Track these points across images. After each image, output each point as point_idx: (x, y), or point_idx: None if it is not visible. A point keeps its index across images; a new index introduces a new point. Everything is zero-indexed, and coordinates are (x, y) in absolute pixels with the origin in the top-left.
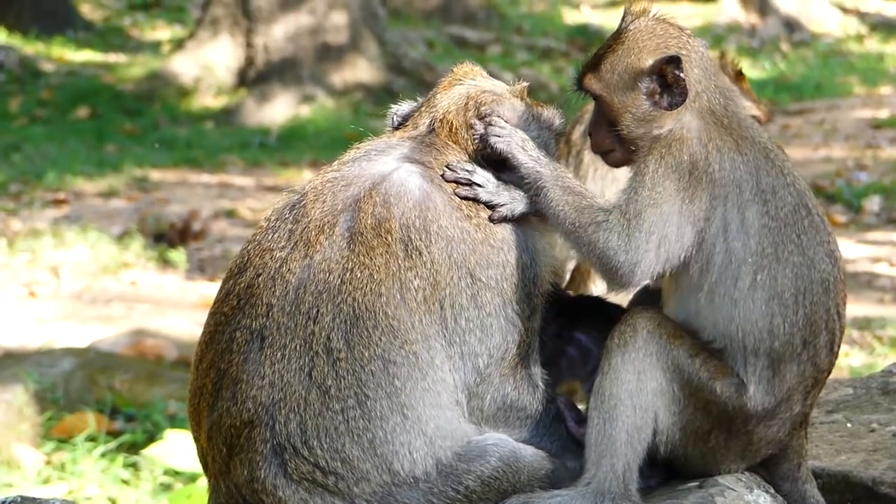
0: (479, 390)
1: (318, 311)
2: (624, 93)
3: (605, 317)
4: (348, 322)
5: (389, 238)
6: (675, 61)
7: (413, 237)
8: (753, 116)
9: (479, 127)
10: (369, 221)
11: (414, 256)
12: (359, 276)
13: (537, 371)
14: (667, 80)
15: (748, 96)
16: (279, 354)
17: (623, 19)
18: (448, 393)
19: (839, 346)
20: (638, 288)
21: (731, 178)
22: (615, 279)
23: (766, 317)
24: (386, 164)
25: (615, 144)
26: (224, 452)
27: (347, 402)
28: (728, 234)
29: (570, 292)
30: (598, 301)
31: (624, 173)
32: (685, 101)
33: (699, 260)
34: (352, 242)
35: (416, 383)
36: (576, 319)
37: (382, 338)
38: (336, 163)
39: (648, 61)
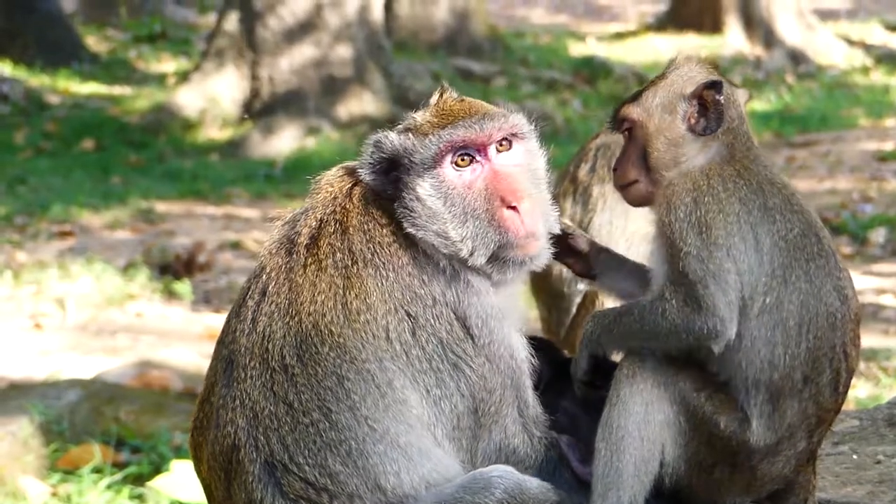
0: (464, 439)
1: (271, 330)
2: (662, 116)
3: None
4: (298, 339)
5: (329, 260)
6: (716, 86)
7: (348, 261)
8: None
9: None
10: (308, 242)
11: (353, 279)
12: (305, 295)
13: (532, 415)
14: (706, 104)
15: (735, 83)
16: (244, 374)
17: (669, 65)
18: (417, 419)
19: (846, 387)
20: (735, 329)
21: (737, 198)
22: (713, 337)
23: (768, 345)
24: (339, 187)
25: (641, 175)
26: (223, 479)
27: (313, 416)
28: (747, 252)
29: (566, 352)
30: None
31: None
32: (719, 127)
33: (740, 284)
34: (299, 263)
35: (377, 400)
36: (565, 381)
37: (331, 354)
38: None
39: (690, 87)
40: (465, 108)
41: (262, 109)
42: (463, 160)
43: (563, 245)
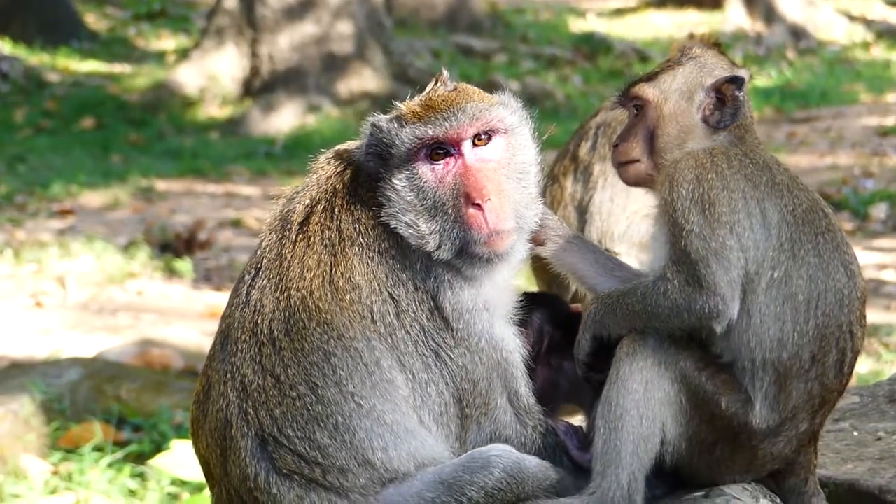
0: (452, 425)
1: (262, 305)
2: (678, 102)
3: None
4: (287, 314)
5: (317, 238)
6: (738, 81)
7: (335, 239)
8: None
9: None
10: (302, 220)
11: (339, 257)
12: (294, 271)
13: (524, 406)
14: (724, 98)
15: (737, 64)
16: (236, 348)
17: (683, 48)
18: (403, 399)
19: (851, 368)
20: (737, 309)
21: (743, 175)
22: (715, 316)
23: (777, 322)
24: (334, 168)
25: (644, 155)
26: (220, 455)
27: (300, 389)
28: (753, 228)
29: (578, 306)
30: None
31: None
32: (734, 122)
33: (744, 262)
34: (290, 239)
35: (364, 378)
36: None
37: (318, 329)
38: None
39: (711, 78)
40: (447, 100)
41: (262, 87)
42: (437, 154)
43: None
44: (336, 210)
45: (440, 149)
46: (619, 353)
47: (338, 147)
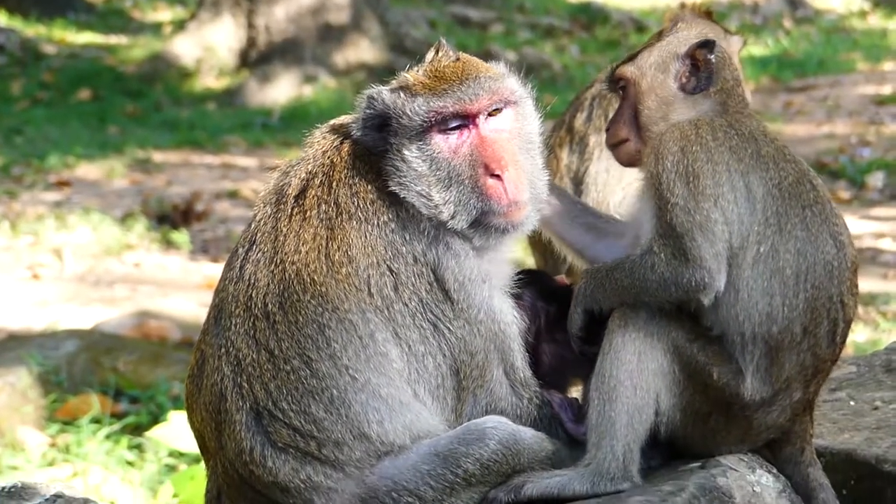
0: (448, 398)
1: (256, 278)
2: (654, 75)
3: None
4: (281, 287)
5: (314, 211)
6: (708, 45)
7: (332, 213)
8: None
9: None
10: (297, 194)
11: (336, 230)
12: (289, 244)
13: (520, 378)
14: (698, 64)
15: (730, 31)
16: (230, 323)
17: (675, 18)
18: (398, 373)
19: (843, 337)
20: (724, 281)
21: (727, 147)
22: (702, 289)
23: (766, 296)
24: (330, 142)
25: (631, 134)
26: (214, 429)
27: (294, 363)
28: (738, 202)
29: (564, 278)
30: None
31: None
32: (709, 86)
33: (728, 235)
34: (286, 213)
35: (358, 351)
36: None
37: (312, 302)
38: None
39: (684, 47)
40: (458, 71)
41: (258, 58)
42: (451, 125)
43: None
44: (333, 184)
45: (455, 119)
46: (611, 324)
47: (333, 121)
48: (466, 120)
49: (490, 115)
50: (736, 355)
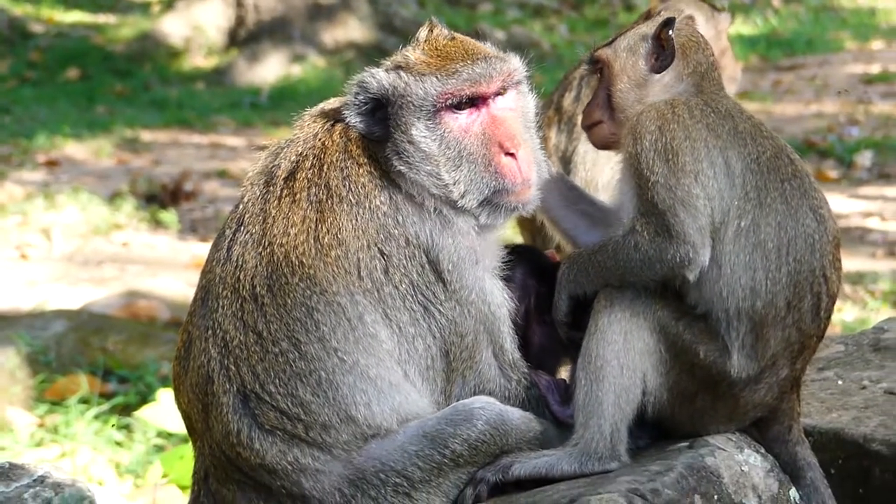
0: (438, 379)
1: (243, 260)
2: (626, 57)
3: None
4: (269, 269)
5: (303, 194)
6: (669, 23)
7: (322, 196)
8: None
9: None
10: (287, 176)
11: (326, 213)
12: (278, 227)
13: (509, 360)
14: (662, 42)
15: (720, 9)
16: (217, 304)
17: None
18: (388, 353)
19: (828, 312)
20: (708, 255)
21: (704, 124)
22: (687, 264)
23: (748, 270)
24: (321, 126)
25: (605, 116)
26: (201, 411)
27: (282, 345)
28: (717, 177)
29: (554, 253)
30: None
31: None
32: (671, 63)
33: (710, 210)
34: (275, 195)
35: (347, 333)
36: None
37: (301, 284)
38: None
39: (653, 28)
40: (462, 49)
41: (247, 37)
42: (461, 104)
43: None
44: (324, 167)
45: (468, 99)
46: (596, 305)
47: (322, 105)
48: (477, 100)
49: (497, 94)
50: (721, 332)
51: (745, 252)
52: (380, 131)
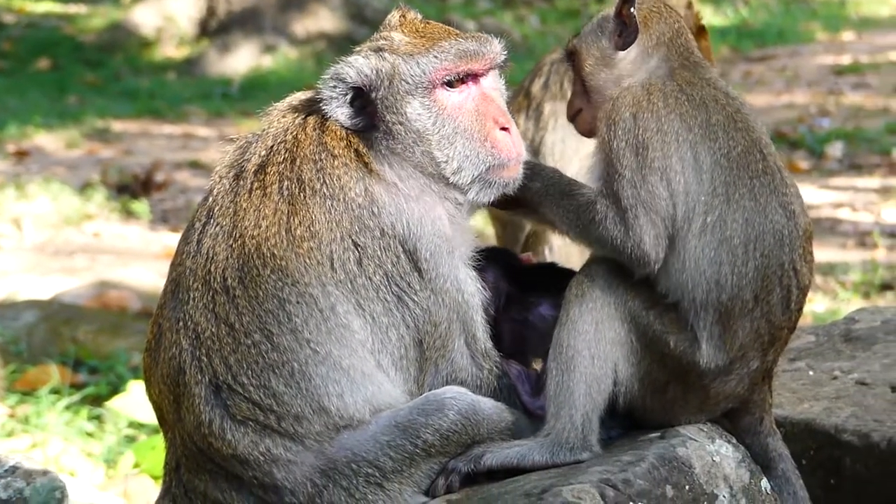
0: (412, 368)
1: (214, 252)
2: (591, 39)
3: (560, 285)
4: (240, 261)
5: (274, 187)
6: (629, 0)
7: (294, 189)
8: None
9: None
10: (256, 169)
11: (298, 206)
12: (249, 219)
13: (481, 349)
14: (624, 20)
15: (706, 55)
16: (188, 296)
17: None
18: (360, 344)
19: (799, 304)
20: (662, 259)
21: (677, 114)
22: (635, 264)
23: (713, 265)
24: (292, 119)
25: (584, 103)
26: (173, 402)
27: (255, 337)
28: (685, 173)
29: (529, 256)
30: (553, 268)
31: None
32: (636, 38)
33: (672, 209)
34: (245, 188)
35: (319, 324)
36: (533, 292)
37: (272, 276)
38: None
39: (613, 8)
40: (445, 30)
41: (218, 27)
42: (455, 81)
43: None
44: (297, 161)
45: (461, 77)
46: (568, 295)
47: (291, 100)
48: (468, 77)
49: (484, 73)
50: (691, 322)
51: (711, 247)
52: (363, 121)
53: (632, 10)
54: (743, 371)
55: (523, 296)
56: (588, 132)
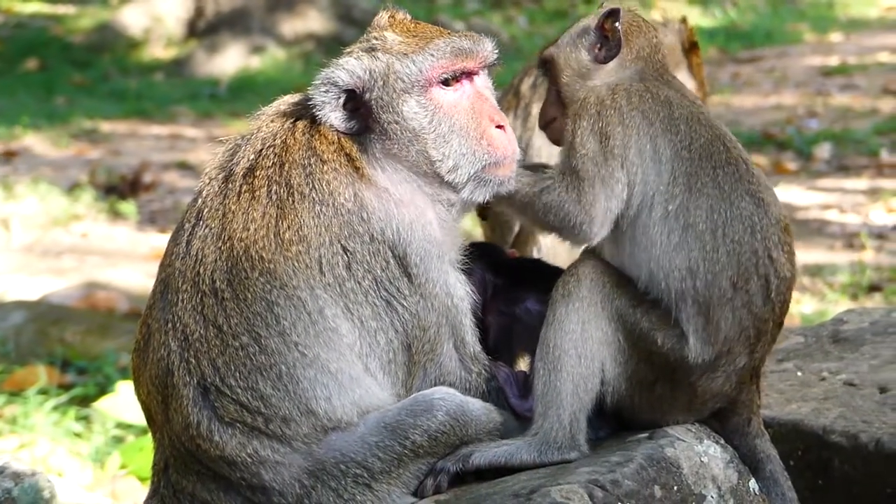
0: (400, 372)
1: (203, 254)
2: (569, 50)
3: (546, 281)
4: (229, 264)
5: (263, 191)
6: (613, 14)
7: (283, 194)
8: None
9: None
10: (245, 172)
11: (287, 210)
12: (238, 222)
13: (470, 353)
14: (607, 34)
15: (694, 74)
16: (176, 298)
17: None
18: (348, 347)
19: (780, 295)
20: (601, 237)
21: (640, 111)
22: (578, 233)
23: (682, 251)
24: (281, 124)
25: (558, 112)
26: (161, 402)
27: (243, 339)
28: (644, 164)
29: (514, 251)
30: (539, 264)
31: None
32: (618, 52)
33: (627, 196)
34: (234, 191)
35: (308, 327)
36: (520, 287)
37: (261, 279)
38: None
39: (594, 20)
40: (437, 30)
41: (206, 28)
42: (450, 80)
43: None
44: (286, 165)
45: (456, 75)
46: (555, 294)
47: (279, 104)
48: (463, 75)
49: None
50: (675, 316)
51: (675, 234)
52: (356, 124)
53: (616, 24)
54: (730, 368)
55: (510, 290)
56: (560, 141)
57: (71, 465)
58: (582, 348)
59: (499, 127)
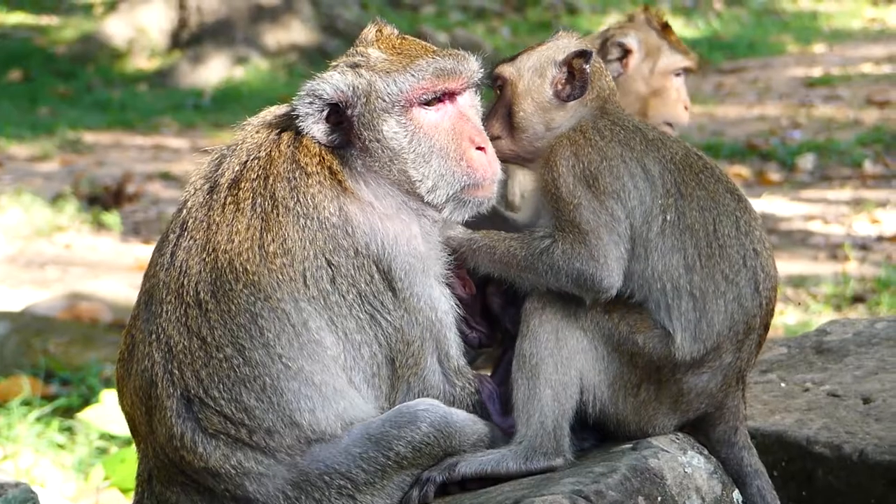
0: (383, 386)
1: (187, 266)
2: (531, 78)
3: None
4: (213, 275)
5: (247, 203)
6: (585, 55)
7: (268, 206)
8: (684, 67)
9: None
10: (230, 184)
11: (271, 223)
12: (222, 234)
13: (454, 367)
14: (574, 72)
15: (677, 47)
16: (160, 309)
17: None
18: (332, 360)
19: (767, 292)
20: (619, 285)
21: (616, 141)
22: (599, 288)
23: (679, 250)
24: (265, 136)
25: (504, 132)
26: (145, 413)
27: (227, 351)
28: (638, 187)
29: None
30: None
31: None
32: (583, 95)
33: (629, 228)
34: (219, 202)
35: (292, 339)
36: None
37: (245, 291)
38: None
39: (562, 54)
40: (422, 47)
41: (190, 39)
42: (432, 100)
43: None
44: (271, 178)
45: (438, 95)
46: (527, 306)
47: (265, 115)
48: (445, 96)
49: (461, 92)
50: (662, 317)
51: (674, 236)
52: (338, 138)
53: (585, 66)
54: (716, 364)
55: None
56: (502, 158)
57: (54, 477)
58: (558, 356)
59: (479, 148)
